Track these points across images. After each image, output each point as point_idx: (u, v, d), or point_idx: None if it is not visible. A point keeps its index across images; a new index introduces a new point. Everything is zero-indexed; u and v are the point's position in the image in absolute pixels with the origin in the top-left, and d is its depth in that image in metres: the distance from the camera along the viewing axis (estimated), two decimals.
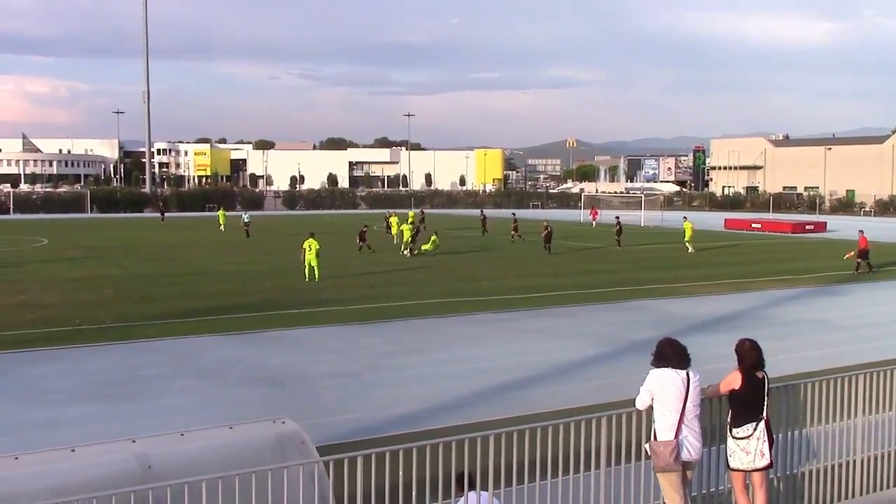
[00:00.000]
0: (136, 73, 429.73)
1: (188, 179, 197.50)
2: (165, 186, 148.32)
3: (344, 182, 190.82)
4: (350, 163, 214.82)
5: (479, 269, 35.94)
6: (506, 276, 33.75)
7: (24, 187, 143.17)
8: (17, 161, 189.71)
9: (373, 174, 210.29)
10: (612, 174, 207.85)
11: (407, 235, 42.79)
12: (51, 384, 15.85)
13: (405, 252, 41.36)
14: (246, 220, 55.77)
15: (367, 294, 27.68)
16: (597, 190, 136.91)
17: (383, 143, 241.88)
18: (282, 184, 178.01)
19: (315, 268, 31.29)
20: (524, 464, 6.93)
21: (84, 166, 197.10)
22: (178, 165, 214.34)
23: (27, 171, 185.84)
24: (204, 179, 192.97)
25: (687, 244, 44.53)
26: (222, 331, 21.16)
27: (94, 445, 6.40)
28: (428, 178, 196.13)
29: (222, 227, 60.57)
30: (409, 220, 48.92)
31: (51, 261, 39.55)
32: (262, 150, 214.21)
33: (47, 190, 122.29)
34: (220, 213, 64.61)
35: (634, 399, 7.57)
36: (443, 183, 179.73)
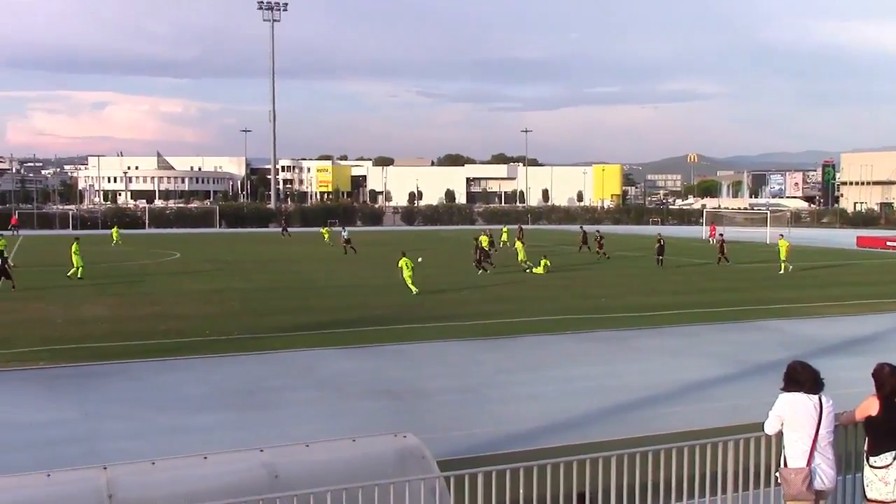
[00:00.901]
0: (262, 92, 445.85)
1: (311, 195, 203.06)
2: (289, 202, 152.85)
3: (461, 198, 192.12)
4: (467, 178, 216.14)
5: (597, 286, 35.51)
6: (624, 293, 33.23)
7: (158, 203, 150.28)
8: (153, 178, 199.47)
9: (490, 190, 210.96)
10: (736, 190, 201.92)
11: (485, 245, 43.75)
12: (182, 392, 16.55)
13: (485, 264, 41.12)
14: (345, 236, 56.23)
15: (484, 310, 27.73)
16: (719, 206, 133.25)
17: (500, 158, 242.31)
18: (400, 199, 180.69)
19: (409, 284, 32.12)
20: (647, 486, 6.79)
21: (213, 183, 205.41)
22: (301, 182, 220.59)
23: (161, 188, 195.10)
24: (326, 195, 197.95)
25: (783, 263, 42.13)
26: (343, 344, 21.60)
27: (225, 454, 6.65)
28: (545, 193, 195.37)
29: (328, 241, 63.29)
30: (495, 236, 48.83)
31: (182, 273, 41.30)
32: (381, 167, 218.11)
33: (179, 205, 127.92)
34: (325, 230, 68.26)
35: (763, 423, 7.31)
36: (560, 199, 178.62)
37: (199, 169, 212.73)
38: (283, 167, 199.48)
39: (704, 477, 6.85)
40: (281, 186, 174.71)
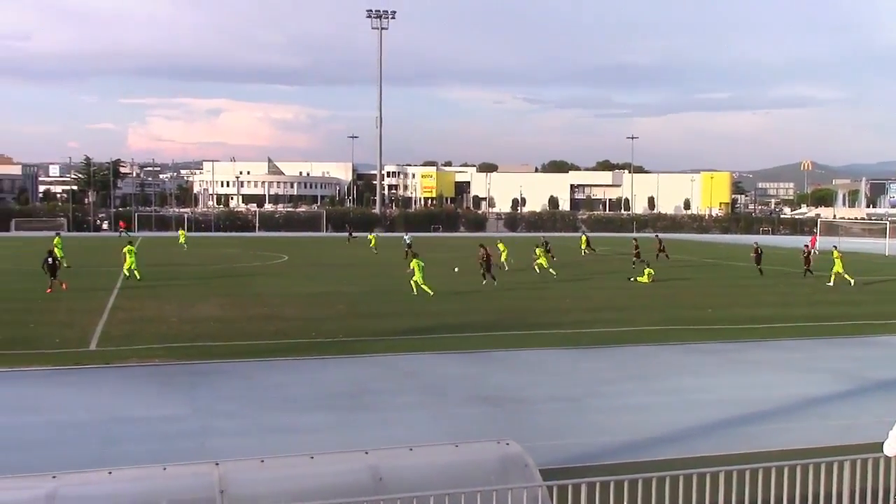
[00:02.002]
0: (369, 99, 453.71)
1: (415, 201, 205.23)
2: (394, 207, 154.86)
3: (565, 205, 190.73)
4: (571, 185, 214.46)
5: (703, 296, 34.68)
6: (731, 303, 32.34)
7: (268, 207, 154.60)
8: (263, 183, 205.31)
9: (594, 197, 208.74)
10: (852, 199, 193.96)
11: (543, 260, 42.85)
12: (290, 392, 16.95)
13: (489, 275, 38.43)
14: (407, 242, 55.73)
15: (587, 318, 27.45)
16: (834, 216, 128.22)
17: (605, 165, 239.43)
18: (504, 206, 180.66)
19: (423, 286, 32.92)
20: None
21: (321, 188, 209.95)
22: (406, 187, 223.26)
23: (271, 192, 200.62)
24: (430, 201, 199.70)
25: (842, 276, 39.51)
26: (445, 349, 21.73)
27: (331, 454, 6.79)
28: (651, 201, 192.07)
29: (374, 248, 60.94)
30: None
31: (290, 276, 42.33)
32: (485, 173, 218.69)
33: (288, 210, 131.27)
34: (371, 236, 66.26)
35: (882, 443, 6.99)
36: (666, 206, 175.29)
37: (308, 174, 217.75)
38: (388, 173, 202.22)
39: (818, 498, 6.61)
40: (386, 192, 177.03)
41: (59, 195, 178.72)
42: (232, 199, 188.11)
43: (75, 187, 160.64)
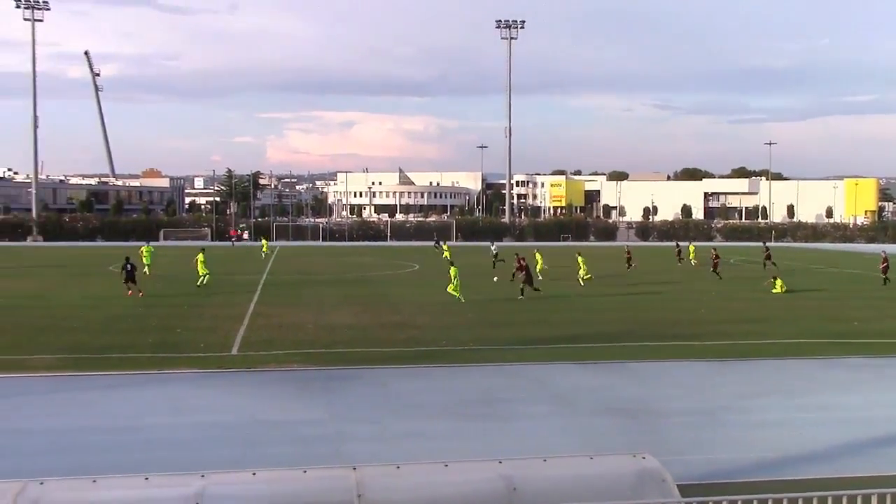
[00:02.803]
0: (498, 109, 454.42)
1: (544, 210, 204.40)
2: (522, 216, 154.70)
3: (699, 213, 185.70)
4: (705, 193, 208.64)
5: (845, 308, 33.02)
6: (880, 316, 30.66)
7: (399, 216, 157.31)
8: (394, 193, 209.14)
9: (729, 205, 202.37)
10: None
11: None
12: (422, 399, 17.16)
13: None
14: (494, 251, 55.29)
15: (722, 330, 26.60)
16: None
17: (741, 172, 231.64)
18: (634, 214, 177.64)
19: (454, 292, 34.02)
20: None
21: (450, 197, 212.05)
22: (535, 196, 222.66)
23: (402, 202, 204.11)
24: (559, 210, 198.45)
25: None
26: (577, 359, 21.51)
27: (465, 463, 6.83)
28: (790, 209, 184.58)
29: (448, 257, 58.36)
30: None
31: (421, 285, 42.88)
32: (615, 181, 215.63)
33: (419, 219, 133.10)
34: (445, 246, 64.19)
35: None
36: (807, 215, 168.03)
37: (438, 184, 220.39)
38: (517, 182, 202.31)
39: None
40: (515, 201, 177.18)
41: (203, 206, 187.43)
42: (364, 209, 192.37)
43: (218, 198, 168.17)
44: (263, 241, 69.19)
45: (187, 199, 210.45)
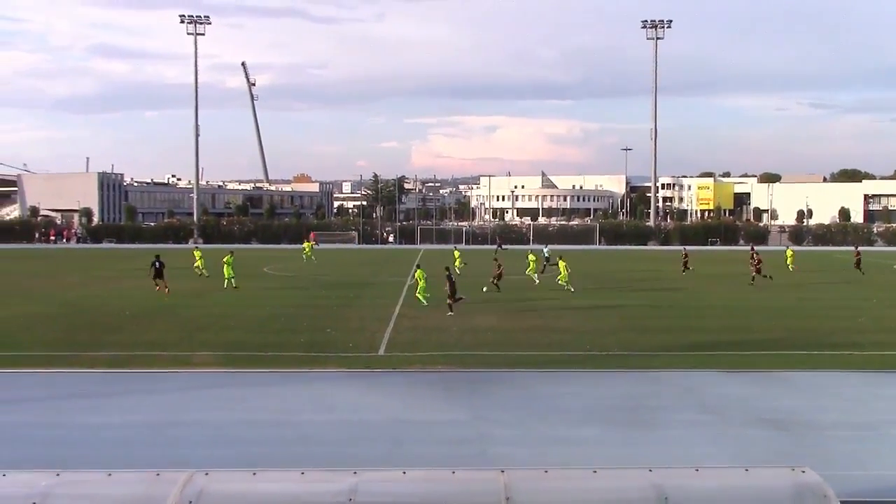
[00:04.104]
0: (642, 111, 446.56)
1: (691, 213, 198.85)
2: (668, 220, 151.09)
3: (858, 217, 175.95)
4: (865, 196, 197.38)
5: None
6: None
7: (541, 220, 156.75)
8: (537, 196, 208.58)
9: (892, 208, 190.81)
10: None
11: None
12: (566, 403, 17.06)
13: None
14: (546, 255, 53.61)
15: (882, 339, 25.11)
16: None
17: None
18: (788, 218, 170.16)
19: (419, 296, 33.00)
20: None
21: (594, 201, 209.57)
22: (681, 199, 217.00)
23: (545, 206, 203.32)
24: (707, 213, 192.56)
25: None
26: (726, 367, 20.85)
27: (614, 470, 6.76)
28: None
29: (549, 263, 52.75)
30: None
31: (564, 289, 42.51)
32: (767, 184, 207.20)
33: (562, 223, 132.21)
34: (531, 254, 52.63)
35: None
36: None
37: (581, 187, 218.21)
38: (662, 185, 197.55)
39: None
40: (660, 204, 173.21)
41: (350, 210, 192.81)
42: (507, 212, 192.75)
43: (364, 202, 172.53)
44: (306, 245, 68.82)
45: (335, 203, 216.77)
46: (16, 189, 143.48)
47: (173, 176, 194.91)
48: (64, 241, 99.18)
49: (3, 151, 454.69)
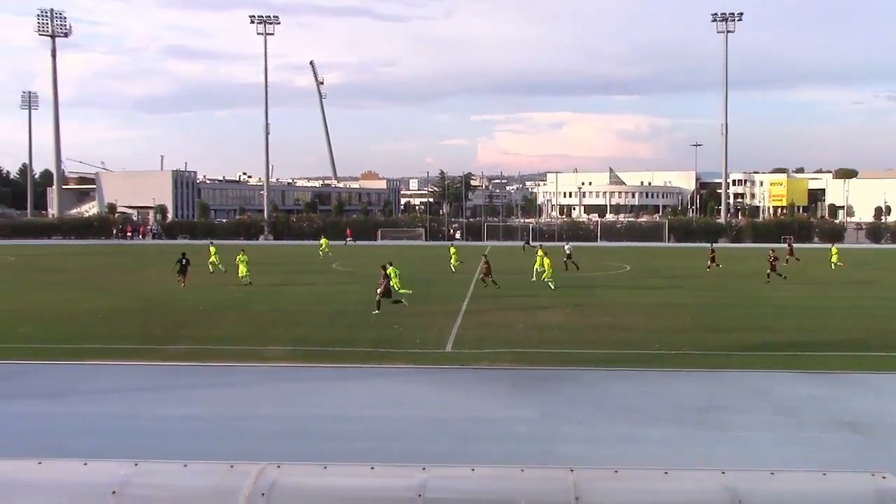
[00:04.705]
0: (712, 105, 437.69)
1: (763, 210, 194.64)
2: (739, 217, 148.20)
3: None
4: None
5: None
6: None
7: (609, 217, 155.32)
8: (605, 193, 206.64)
9: None
10: None
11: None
12: (635, 403, 16.88)
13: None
14: (567, 251, 52.51)
15: None
16: None
17: None
18: (864, 215, 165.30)
19: (401, 291, 32.36)
20: None
21: (662, 197, 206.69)
22: (753, 196, 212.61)
23: (612, 202, 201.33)
24: (780, 210, 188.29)
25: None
26: (799, 368, 20.36)
27: (685, 471, 6.64)
28: None
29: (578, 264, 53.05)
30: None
31: (632, 286, 42.13)
32: (842, 179, 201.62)
33: (629, 220, 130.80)
34: (540, 251, 56.28)
35: None
36: None
37: (649, 184, 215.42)
38: (734, 181, 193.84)
39: None
40: (731, 200, 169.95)
41: (417, 207, 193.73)
42: (574, 209, 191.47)
43: (431, 199, 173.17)
44: (323, 241, 68.35)
45: (402, 200, 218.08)
46: (95, 187, 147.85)
47: (244, 174, 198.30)
48: (140, 237, 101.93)
49: (83, 150, 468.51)
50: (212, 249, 48.22)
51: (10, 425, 15.23)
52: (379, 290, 30.72)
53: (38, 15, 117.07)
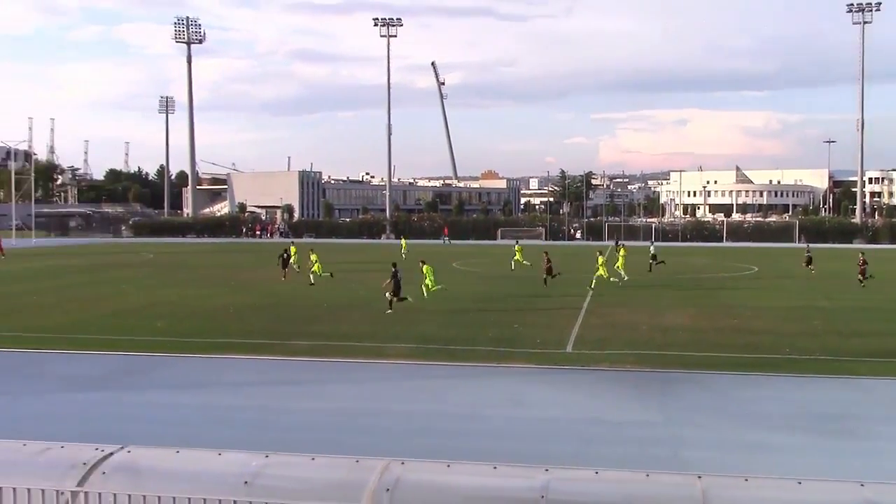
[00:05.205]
0: (846, 100, 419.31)
1: None
2: (876, 217, 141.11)
3: None
4: None
5: None
6: None
7: (735, 216, 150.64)
8: (731, 192, 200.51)
9: None
10: None
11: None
12: (763, 408, 16.31)
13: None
14: (652, 251, 50.02)
15: None
16: None
17: None
18: None
19: (432, 289, 32.93)
20: None
21: (792, 196, 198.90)
22: (891, 194, 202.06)
23: (739, 202, 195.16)
24: None
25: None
26: None
27: (821, 482, 6.36)
28: None
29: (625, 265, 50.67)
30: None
31: (760, 288, 40.72)
32: None
33: (757, 219, 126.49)
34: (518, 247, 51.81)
35: None
36: None
37: (778, 182, 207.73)
38: (869, 179, 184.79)
39: None
40: (867, 199, 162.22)
41: (537, 206, 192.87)
42: (699, 208, 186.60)
43: (551, 199, 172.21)
44: (403, 241, 67.77)
45: (522, 200, 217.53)
46: (226, 187, 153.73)
47: (367, 174, 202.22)
48: (268, 235, 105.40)
49: (215, 152, 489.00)
50: (292, 249, 49.23)
51: (150, 414, 16.03)
52: (387, 288, 30.70)
53: (175, 23, 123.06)
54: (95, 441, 6.59)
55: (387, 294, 30.58)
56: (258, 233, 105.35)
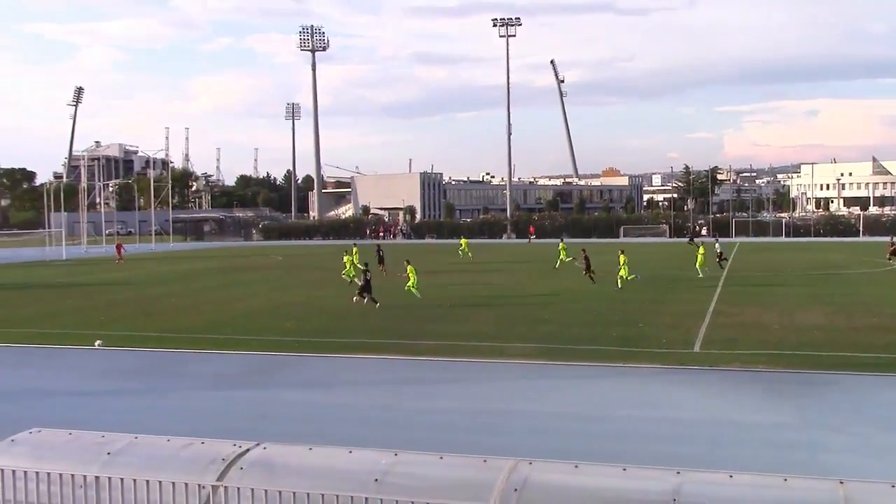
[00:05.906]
0: None
1: None
2: None
3: None
4: None
5: None
6: None
7: (873, 210, 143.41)
8: (867, 184, 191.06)
9: None
10: None
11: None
12: None
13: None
14: (718, 250, 47.07)
15: None
16: None
17: None
18: None
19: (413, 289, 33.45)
20: None
21: None
22: None
23: (876, 194, 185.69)
24: None
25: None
26: None
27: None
28: None
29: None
30: None
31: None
32: None
33: (895, 212, 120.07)
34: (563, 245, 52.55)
35: None
36: None
37: None
38: None
39: None
40: None
41: (660, 203, 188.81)
42: (832, 202, 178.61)
43: (675, 195, 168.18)
44: (462, 241, 65.71)
45: (645, 197, 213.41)
46: (350, 190, 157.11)
47: (487, 174, 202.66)
48: (391, 236, 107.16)
49: (339, 156, 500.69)
50: (354, 250, 49.38)
51: (283, 412, 16.57)
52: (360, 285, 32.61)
53: (300, 32, 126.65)
54: (233, 437, 6.88)
55: (356, 293, 32.29)
56: (381, 234, 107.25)
